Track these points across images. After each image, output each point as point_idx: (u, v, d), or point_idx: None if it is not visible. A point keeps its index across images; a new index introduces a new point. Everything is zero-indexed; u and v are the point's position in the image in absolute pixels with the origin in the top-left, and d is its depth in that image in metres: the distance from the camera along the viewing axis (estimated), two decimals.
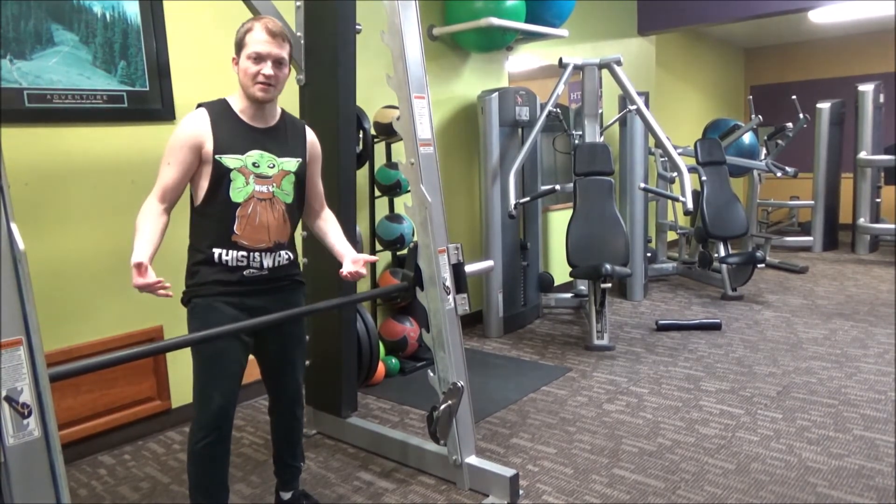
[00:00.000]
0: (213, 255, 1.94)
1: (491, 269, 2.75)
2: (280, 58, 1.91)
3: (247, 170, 1.92)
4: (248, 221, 1.93)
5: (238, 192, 1.92)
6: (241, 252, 1.94)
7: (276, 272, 2.02)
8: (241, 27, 1.94)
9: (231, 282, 1.95)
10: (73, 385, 2.80)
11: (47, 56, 2.62)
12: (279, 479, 2.35)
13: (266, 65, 1.88)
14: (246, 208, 1.93)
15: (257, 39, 1.88)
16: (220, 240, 1.93)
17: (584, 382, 3.54)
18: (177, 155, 1.89)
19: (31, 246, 2.55)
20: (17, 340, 1.38)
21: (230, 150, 1.91)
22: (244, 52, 1.90)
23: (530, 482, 2.51)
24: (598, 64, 4.58)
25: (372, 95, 3.63)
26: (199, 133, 1.89)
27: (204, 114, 1.93)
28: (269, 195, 1.96)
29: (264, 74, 1.89)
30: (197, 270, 1.97)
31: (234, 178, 1.91)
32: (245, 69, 1.90)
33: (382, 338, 3.83)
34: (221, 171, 1.89)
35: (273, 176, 1.97)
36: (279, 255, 2.01)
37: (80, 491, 2.62)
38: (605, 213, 4.36)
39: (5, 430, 1.37)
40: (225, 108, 1.96)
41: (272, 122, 2.01)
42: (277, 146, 2.00)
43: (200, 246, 1.96)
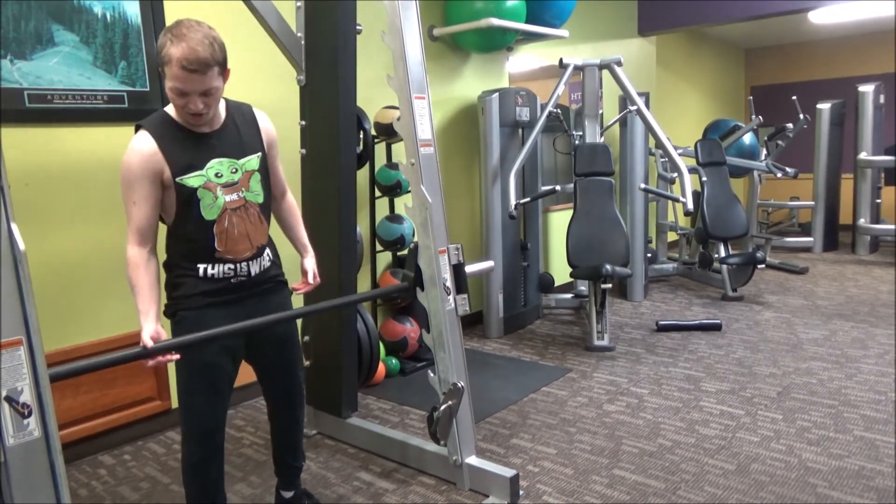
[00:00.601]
0: (199, 271, 1.88)
1: (491, 269, 2.75)
2: (206, 90, 1.71)
3: (212, 183, 1.81)
4: (227, 236, 1.86)
5: (210, 210, 1.82)
6: (227, 265, 1.89)
7: (260, 276, 1.98)
8: (162, 36, 1.70)
9: (217, 290, 1.90)
10: (74, 385, 2.80)
11: (48, 56, 2.62)
12: (280, 478, 2.35)
13: (191, 99, 1.71)
14: (222, 223, 1.84)
15: (175, 75, 1.67)
16: (203, 257, 1.87)
17: (585, 383, 3.54)
18: (137, 191, 1.75)
19: (32, 246, 2.55)
20: (17, 340, 1.38)
21: (189, 169, 1.78)
22: (167, 81, 1.70)
23: (530, 482, 2.51)
24: (598, 64, 4.58)
25: (372, 96, 3.63)
26: (152, 160, 1.74)
27: (147, 137, 1.75)
28: (241, 202, 1.88)
29: (190, 111, 1.73)
30: (181, 282, 1.89)
31: (202, 196, 1.81)
32: (172, 97, 1.72)
33: (383, 338, 3.83)
34: (186, 193, 1.79)
35: (239, 181, 1.87)
36: (262, 259, 1.98)
37: (80, 491, 2.62)
38: (605, 213, 4.36)
39: (5, 430, 1.37)
40: (167, 121, 1.80)
41: (219, 123, 1.87)
42: (233, 147, 1.87)
43: (182, 262, 1.88)
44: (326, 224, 2.74)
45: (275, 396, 2.21)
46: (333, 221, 2.73)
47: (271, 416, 2.27)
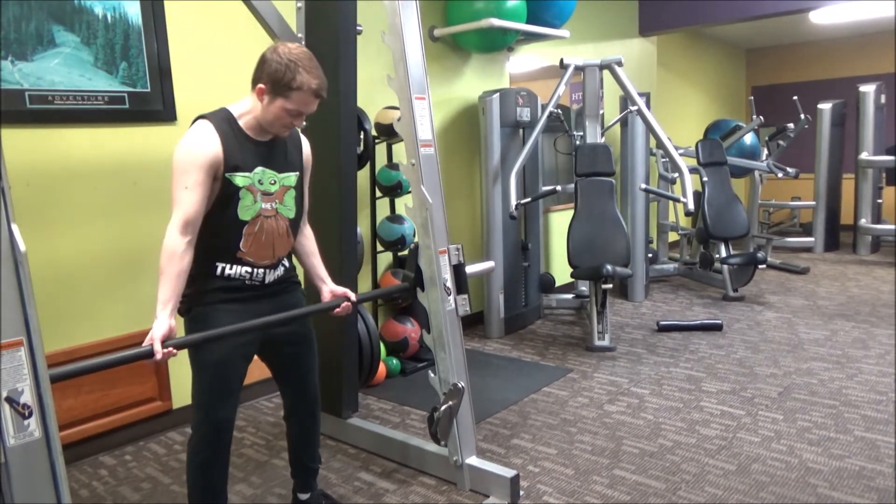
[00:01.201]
0: (216, 269, 1.90)
1: (492, 269, 2.75)
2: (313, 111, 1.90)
3: (255, 187, 1.88)
4: (254, 239, 1.91)
5: (246, 211, 1.88)
6: (245, 268, 1.92)
7: (275, 279, 2.02)
8: (281, 66, 1.79)
9: (231, 288, 1.93)
10: (75, 385, 2.80)
11: (49, 57, 2.62)
12: (297, 480, 2.34)
13: (301, 118, 1.87)
14: (253, 226, 1.90)
15: (304, 101, 1.82)
16: (224, 256, 1.90)
17: (585, 383, 3.54)
18: (195, 176, 1.77)
19: (33, 247, 2.55)
20: (17, 341, 1.39)
21: (239, 168, 1.85)
22: (285, 100, 1.81)
23: (531, 483, 2.51)
24: (598, 65, 4.58)
25: (373, 96, 3.63)
26: (214, 151, 1.80)
27: (212, 129, 1.82)
28: (273, 212, 1.94)
29: (295, 126, 1.92)
30: (196, 279, 1.90)
31: (243, 197, 1.86)
32: (278, 115, 1.83)
33: (384, 338, 3.83)
34: (231, 190, 1.84)
35: (275, 192, 1.94)
36: (278, 270, 2.01)
37: (81, 491, 2.62)
38: (606, 213, 4.35)
39: (6, 430, 1.37)
40: (229, 120, 1.87)
41: (271, 136, 1.94)
42: (278, 161, 1.95)
43: (202, 259, 1.88)
44: (327, 224, 2.74)
45: (292, 397, 2.22)
46: (334, 222, 2.73)
47: (288, 416, 2.26)
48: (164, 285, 1.77)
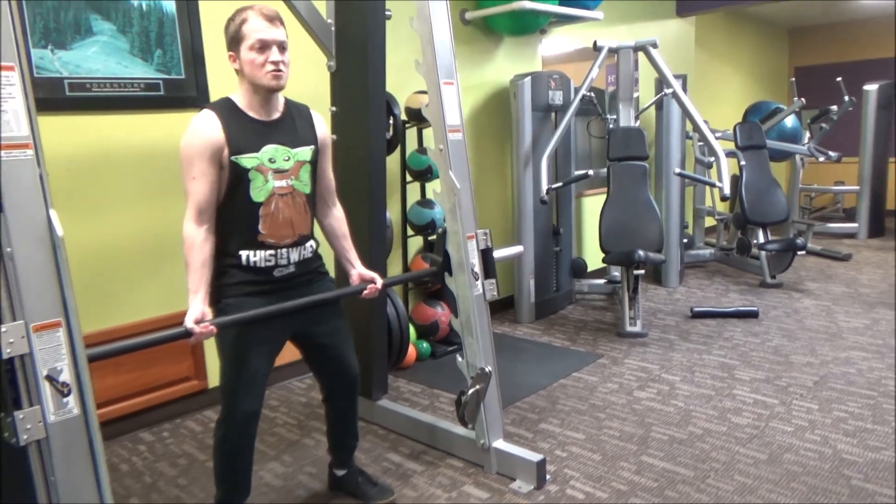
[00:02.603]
0: (241, 259, 1.91)
1: (520, 254, 2.74)
2: (283, 42, 1.86)
3: (264, 167, 1.88)
4: (272, 219, 1.91)
5: (259, 192, 1.88)
6: (268, 251, 1.93)
7: (302, 266, 2.02)
8: (231, 21, 1.87)
9: (261, 282, 1.95)
10: (115, 365, 2.90)
11: (86, 45, 2.69)
12: (334, 457, 2.39)
13: (272, 51, 1.83)
14: (269, 206, 1.90)
15: (257, 28, 1.82)
16: (246, 241, 1.91)
17: (616, 369, 3.52)
18: (199, 166, 1.82)
19: (73, 231, 2.64)
20: (56, 322, 1.44)
21: (245, 150, 1.86)
22: (245, 44, 1.83)
23: (558, 467, 2.51)
24: (633, 47, 4.49)
25: (404, 80, 3.62)
26: (215, 138, 1.83)
27: (213, 116, 1.85)
28: (289, 189, 1.93)
29: (273, 62, 1.83)
30: (225, 271, 1.93)
31: (253, 178, 1.87)
32: (251, 60, 1.83)
33: (414, 322, 3.86)
34: (239, 173, 1.85)
35: (290, 168, 1.93)
36: (304, 248, 2.01)
37: (121, 466, 2.72)
38: (638, 198, 4.29)
39: (47, 407, 1.43)
40: (231, 106, 1.90)
41: (279, 114, 1.96)
42: (289, 137, 1.95)
43: (226, 249, 1.92)
44: (356, 209, 2.76)
45: (330, 382, 2.25)
46: (363, 206, 2.75)
47: (326, 399, 2.29)
48: (191, 275, 1.83)
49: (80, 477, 1.48)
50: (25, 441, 1.40)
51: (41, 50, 2.57)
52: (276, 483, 2.52)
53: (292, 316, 2.00)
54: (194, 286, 1.83)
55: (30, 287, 1.41)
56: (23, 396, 1.41)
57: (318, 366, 2.22)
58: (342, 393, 2.26)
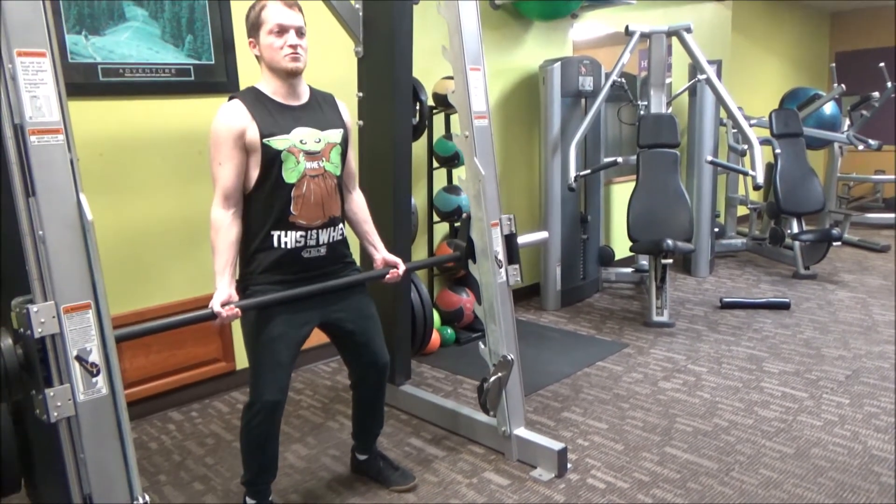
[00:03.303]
0: (273, 239, 1.94)
1: (545, 240, 2.72)
2: (301, 27, 1.91)
3: (296, 149, 1.91)
4: (303, 200, 1.93)
5: (291, 173, 1.91)
6: (299, 232, 1.95)
7: (332, 249, 2.03)
8: (251, 8, 1.93)
9: (289, 265, 1.96)
10: (145, 345, 2.97)
11: (119, 31, 2.73)
12: (358, 442, 2.42)
13: (290, 34, 1.88)
14: (300, 187, 1.92)
15: (275, 13, 1.87)
16: (277, 222, 1.93)
17: (641, 359, 3.49)
18: (225, 152, 1.87)
19: (105, 214, 2.70)
20: (85, 304, 1.48)
21: (276, 132, 1.89)
22: (264, 30, 1.88)
23: (579, 456, 2.51)
24: (666, 31, 4.40)
25: (432, 66, 3.60)
26: (240, 124, 1.87)
27: (238, 104, 1.90)
28: (320, 171, 1.96)
29: (290, 45, 1.88)
30: (254, 258, 1.96)
31: (286, 159, 1.90)
32: (269, 45, 1.88)
33: (439, 308, 3.87)
34: (271, 155, 1.88)
35: (321, 150, 1.96)
36: (334, 231, 2.03)
37: (150, 444, 2.79)
38: (668, 186, 4.23)
39: (76, 387, 1.47)
40: (257, 94, 1.95)
41: (305, 99, 2.00)
42: (317, 120, 1.99)
43: (257, 231, 1.94)
44: (381, 195, 2.77)
45: (358, 369, 2.26)
46: (388, 192, 2.76)
47: (354, 386, 2.31)
48: (218, 257, 1.87)
49: (108, 454, 1.53)
50: (56, 418, 1.45)
51: (75, 35, 2.61)
52: (299, 464, 2.56)
53: (317, 305, 2.03)
54: (220, 268, 1.87)
55: (60, 269, 1.44)
56: (53, 375, 1.45)
57: (348, 354, 2.23)
58: (372, 381, 2.27)
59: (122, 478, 1.55)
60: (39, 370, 1.44)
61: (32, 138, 1.39)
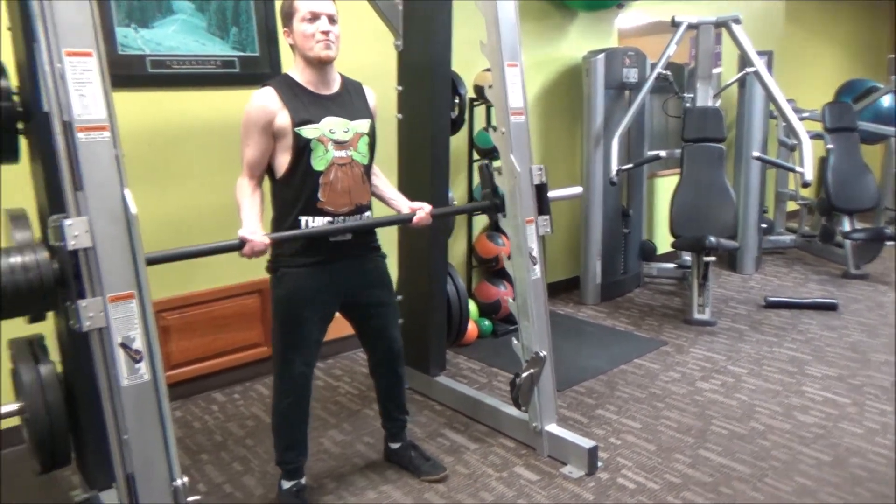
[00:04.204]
0: (301, 224, 2.02)
1: (579, 195, 2.66)
2: (333, 15, 1.96)
3: (325, 138, 1.98)
4: (331, 188, 2.00)
5: (319, 161, 1.98)
6: (326, 218, 2.02)
7: (358, 236, 2.10)
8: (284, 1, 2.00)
9: (317, 249, 2.04)
10: (190, 329, 3.07)
11: (167, 24, 2.80)
12: (387, 430, 2.49)
13: (322, 21, 1.93)
14: (328, 175, 1.99)
15: (308, 1, 1.93)
16: (305, 208, 2.01)
17: (679, 357, 3.45)
18: (251, 136, 1.97)
19: (152, 201, 2.78)
20: (129, 294, 1.54)
21: (307, 122, 1.96)
22: (297, 18, 1.95)
23: (611, 455, 2.50)
24: (714, 22, 4.28)
25: (472, 58, 3.58)
26: (270, 111, 1.94)
27: (271, 92, 1.96)
28: (347, 159, 2.02)
29: (322, 31, 1.93)
30: (283, 241, 2.03)
31: (315, 148, 1.96)
32: (302, 32, 1.94)
33: (477, 300, 3.89)
34: (302, 143, 1.95)
35: (349, 140, 2.03)
36: (360, 218, 2.09)
37: (194, 423, 2.90)
38: (713, 182, 4.13)
39: (120, 372, 1.54)
40: (290, 81, 2.01)
41: (336, 88, 2.06)
42: (346, 110, 2.04)
43: (287, 216, 2.03)
44: (419, 188, 2.79)
45: (374, 355, 2.35)
46: (426, 186, 2.77)
47: (372, 372, 2.40)
48: (243, 209, 1.99)
49: (149, 437, 1.60)
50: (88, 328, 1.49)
51: (125, 28, 2.70)
52: (334, 450, 2.62)
53: (340, 288, 2.12)
54: (245, 215, 1.98)
55: (106, 261, 1.51)
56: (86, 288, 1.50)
57: (365, 338, 2.32)
58: (386, 366, 2.35)
59: (163, 459, 1.62)
60: (73, 283, 1.49)
61: (80, 135, 1.46)
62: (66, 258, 1.47)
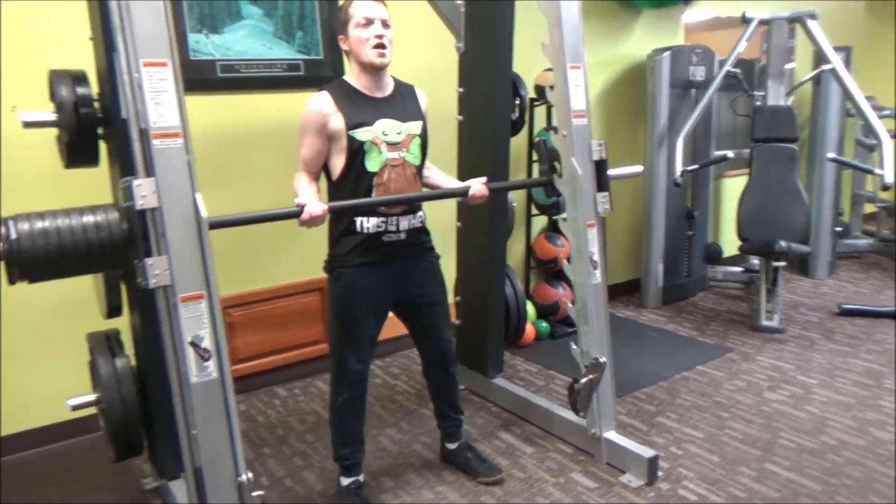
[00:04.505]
0: (356, 223, 2.07)
1: (639, 174, 2.60)
2: (386, 20, 2.03)
3: (378, 140, 2.03)
4: (384, 188, 2.05)
5: (373, 162, 2.03)
6: (379, 218, 2.07)
7: (412, 235, 2.14)
8: (340, 8, 2.08)
9: (370, 248, 2.08)
10: (254, 326, 3.16)
11: (236, 29, 2.89)
12: (442, 430, 2.51)
13: (375, 25, 1.99)
14: (381, 176, 2.04)
15: (362, 7, 2.00)
16: (360, 208, 2.06)
17: (745, 366, 3.33)
18: (307, 137, 2.05)
19: (220, 202, 2.84)
20: (199, 294, 1.60)
21: (361, 124, 2.01)
22: (352, 24, 2.01)
23: (671, 465, 2.45)
24: (787, 18, 4.11)
25: (533, 58, 3.55)
26: (323, 116, 2.01)
27: (327, 96, 2.03)
28: (400, 160, 2.07)
29: (376, 35, 1.99)
30: (339, 241, 2.12)
31: (368, 150, 2.02)
32: (357, 37, 2.01)
33: (535, 301, 3.86)
34: (356, 146, 2.01)
35: (402, 141, 2.08)
36: (413, 218, 2.13)
37: (258, 417, 2.98)
38: (784, 183, 3.97)
39: (190, 370, 1.60)
40: (345, 86, 2.08)
41: (389, 91, 2.12)
42: (399, 112, 2.09)
43: (342, 216, 2.09)
44: None
45: (427, 354, 2.39)
46: None
47: (425, 371, 2.45)
48: (300, 189, 2.05)
49: (216, 432, 1.65)
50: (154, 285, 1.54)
51: (197, 34, 2.80)
52: (392, 449, 2.65)
53: (395, 287, 2.16)
54: (303, 191, 2.03)
55: (178, 261, 1.57)
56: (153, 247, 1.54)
57: (417, 338, 2.36)
58: (438, 366, 2.39)
59: (229, 455, 1.68)
60: (140, 242, 1.54)
61: (155, 141, 1.52)
62: (135, 217, 1.53)
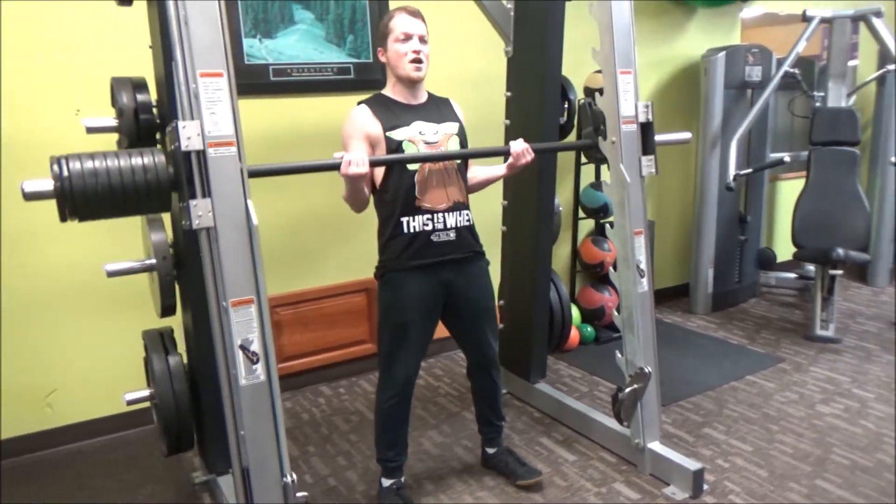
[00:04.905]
0: (402, 225, 2.10)
1: (688, 140, 2.55)
2: (424, 35, 2.10)
3: (416, 139, 2.10)
4: (426, 185, 2.10)
5: None
6: (425, 216, 2.10)
7: (461, 234, 2.15)
8: (381, 21, 2.18)
9: (419, 250, 2.10)
10: (302, 325, 3.23)
11: (289, 34, 2.94)
12: (483, 435, 2.52)
13: (413, 41, 2.07)
14: (422, 173, 2.09)
15: (402, 22, 2.08)
16: (405, 208, 2.09)
17: (798, 377, 3.24)
18: (352, 141, 2.11)
19: (270, 205, 2.93)
20: (249, 299, 1.64)
21: (397, 126, 2.09)
22: (391, 38, 2.10)
23: (717, 478, 2.40)
24: (851, 16, 3.96)
25: (582, 59, 3.51)
26: (363, 124, 2.10)
27: (364, 107, 2.13)
28: None
29: (414, 51, 2.07)
30: (388, 245, 2.14)
31: (406, 148, 2.08)
32: (396, 51, 2.09)
33: (580, 305, 3.83)
34: (394, 145, 2.08)
35: (439, 140, 2.13)
36: (459, 216, 2.15)
37: (303, 414, 3.04)
38: (844, 188, 3.83)
39: (240, 372, 1.64)
40: (381, 97, 2.17)
41: (424, 100, 2.20)
42: (434, 116, 2.17)
43: (389, 219, 2.13)
44: (525, 195, 2.78)
45: (471, 359, 2.40)
46: (533, 193, 2.76)
47: (469, 375, 2.46)
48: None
49: (263, 433, 1.69)
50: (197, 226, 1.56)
51: (251, 39, 2.86)
52: (433, 451, 2.67)
53: (444, 291, 2.17)
54: None
55: (229, 266, 1.61)
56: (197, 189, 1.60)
57: (461, 341, 2.37)
58: (481, 370, 2.38)
59: (275, 456, 1.71)
60: (185, 185, 1.57)
61: (210, 150, 1.56)
62: (180, 158, 1.56)
